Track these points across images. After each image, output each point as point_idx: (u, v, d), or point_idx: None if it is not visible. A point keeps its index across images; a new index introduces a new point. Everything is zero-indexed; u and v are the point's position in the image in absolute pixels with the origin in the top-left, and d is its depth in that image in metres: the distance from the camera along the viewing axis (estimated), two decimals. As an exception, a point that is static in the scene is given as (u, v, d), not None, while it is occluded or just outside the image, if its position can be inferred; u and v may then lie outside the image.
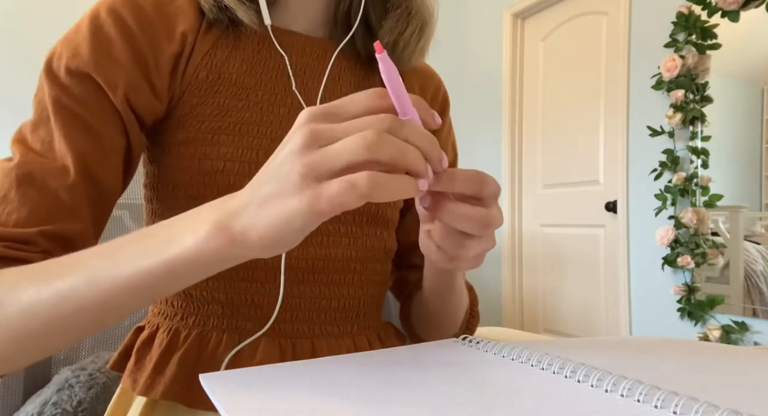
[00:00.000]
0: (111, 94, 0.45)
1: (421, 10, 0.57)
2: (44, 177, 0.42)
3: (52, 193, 0.42)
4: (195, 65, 0.49)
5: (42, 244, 0.41)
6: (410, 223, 0.63)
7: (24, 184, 0.41)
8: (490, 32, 3.29)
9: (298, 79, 0.53)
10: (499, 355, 0.36)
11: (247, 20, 0.49)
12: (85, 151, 0.43)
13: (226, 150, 0.48)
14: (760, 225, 1.99)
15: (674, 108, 2.19)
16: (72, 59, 0.44)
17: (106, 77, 0.44)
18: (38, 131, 0.44)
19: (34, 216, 0.41)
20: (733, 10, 2.00)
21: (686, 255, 2.14)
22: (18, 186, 0.41)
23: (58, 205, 0.42)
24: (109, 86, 0.44)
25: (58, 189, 0.42)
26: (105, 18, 0.45)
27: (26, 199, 0.41)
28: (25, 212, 0.41)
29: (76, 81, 0.44)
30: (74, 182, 0.43)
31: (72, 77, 0.44)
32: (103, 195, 0.46)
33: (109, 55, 0.45)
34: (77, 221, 0.43)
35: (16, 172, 0.42)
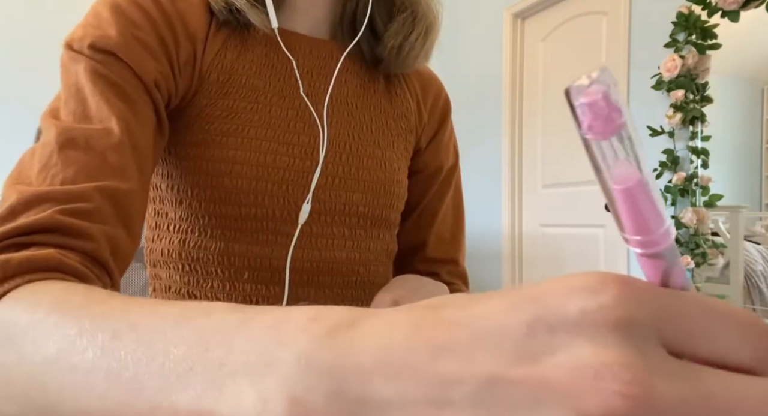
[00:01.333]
0: (142, 75, 0.43)
1: (426, 14, 0.57)
2: (87, 139, 0.38)
3: (98, 153, 0.38)
4: (207, 65, 0.49)
5: (96, 200, 0.37)
6: (412, 226, 0.64)
7: (66, 147, 0.38)
8: (490, 32, 3.29)
9: (305, 82, 0.53)
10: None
11: (258, 23, 0.50)
12: (126, 116, 0.41)
13: (234, 152, 0.48)
14: (760, 225, 1.99)
15: (674, 108, 2.19)
16: (98, 39, 0.42)
17: (136, 60, 0.43)
18: (69, 105, 0.41)
19: (84, 174, 0.37)
20: (733, 10, 2.00)
21: (686, 255, 2.14)
22: (60, 150, 0.37)
23: (105, 165, 0.38)
24: (140, 69, 0.43)
25: (104, 149, 0.39)
26: (127, 5, 0.45)
27: (71, 160, 0.37)
28: (72, 171, 0.37)
29: (105, 57, 0.42)
30: (120, 142, 0.40)
31: (100, 53, 0.42)
32: (145, 164, 0.43)
33: (138, 40, 0.44)
34: (127, 180, 0.40)
35: (55, 139, 0.38)
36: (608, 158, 0.14)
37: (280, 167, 0.49)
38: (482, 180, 3.30)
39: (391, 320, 0.17)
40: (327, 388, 0.16)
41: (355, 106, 0.56)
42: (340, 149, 0.53)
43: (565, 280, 0.15)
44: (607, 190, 0.15)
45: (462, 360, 0.15)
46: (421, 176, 0.63)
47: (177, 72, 0.46)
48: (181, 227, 0.50)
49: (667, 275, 0.16)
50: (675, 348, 0.14)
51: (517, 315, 0.15)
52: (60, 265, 0.33)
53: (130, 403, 0.20)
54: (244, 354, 0.18)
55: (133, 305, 0.24)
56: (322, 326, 0.17)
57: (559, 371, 0.14)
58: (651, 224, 0.15)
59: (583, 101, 0.14)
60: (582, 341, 0.14)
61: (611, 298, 0.14)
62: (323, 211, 0.52)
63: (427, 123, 0.63)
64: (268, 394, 0.17)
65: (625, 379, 0.13)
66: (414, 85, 0.63)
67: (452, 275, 0.65)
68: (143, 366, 0.20)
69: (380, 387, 0.15)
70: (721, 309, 0.15)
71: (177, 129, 0.49)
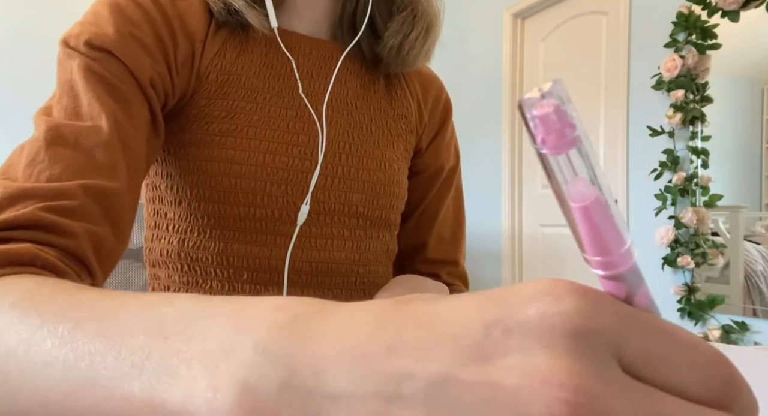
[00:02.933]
0: (137, 74, 0.43)
1: (426, 13, 0.57)
2: (76, 137, 0.38)
3: (86, 150, 0.38)
4: (206, 65, 0.49)
5: (81, 198, 0.36)
6: (412, 227, 0.63)
7: (54, 144, 0.37)
8: (490, 32, 3.29)
9: (304, 82, 0.53)
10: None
11: (257, 24, 0.49)
12: (117, 115, 0.41)
13: (233, 153, 0.48)
14: (760, 225, 1.99)
15: (674, 108, 2.19)
16: (95, 36, 0.42)
17: (132, 59, 0.43)
18: (62, 102, 0.41)
19: (70, 172, 0.37)
20: (733, 10, 2.00)
21: (686, 255, 2.14)
22: (48, 147, 0.37)
23: (93, 162, 0.38)
24: (135, 67, 0.43)
25: (93, 147, 0.38)
26: (126, 4, 0.45)
27: (59, 157, 0.37)
28: (59, 168, 0.36)
29: (101, 54, 0.42)
30: (109, 139, 0.39)
31: (95, 51, 0.42)
32: (135, 163, 0.42)
33: (135, 38, 0.44)
34: (115, 179, 0.39)
35: (44, 135, 0.38)
36: (565, 174, 0.14)
37: (279, 167, 0.49)
38: (482, 180, 3.30)
39: (355, 312, 0.17)
40: (280, 377, 0.16)
41: (354, 107, 0.56)
42: (340, 149, 0.53)
43: (530, 285, 0.15)
44: (565, 207, 0.15)
45: (416, 357, 0.15)
46: (422, 177, 0.63)
47: (174, 71, 0.46)
48: (180, 227, 0.50)
49: (630, 298, 0.15)
50: (631, 368, 0.14)
51: (477, 316, 0.15)
52: (35, 260, 0.32)
53: (85, 393, 0.20)
54: (202, 341, 0.18)
55: (101, 297, 0.24)
56: (283, 315, 0.17)
57: (510, 374, 0.13)
58: (610, 244, 0.14)
59: (535, 114, 0.13)
60: (536, 345, 0.14)
61: (572, 306, 0.14)
62: (322, 212, 0.52)
63: (427, 123, 0.62)
64: (221, 382, 0.16)
65: (573, 387, 0.13)
66: (415, 85, 0.62)
67: (453, 276, 0.65)
68: (99, 355, 0.20)
69: (333, 379, 0.15)
70: (684, 338, 0.15)
71: (176, 129, 0.49)
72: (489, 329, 0.14)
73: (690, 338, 0.15)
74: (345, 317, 0.17)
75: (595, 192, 0.14)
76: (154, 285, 0.54)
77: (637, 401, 0.13)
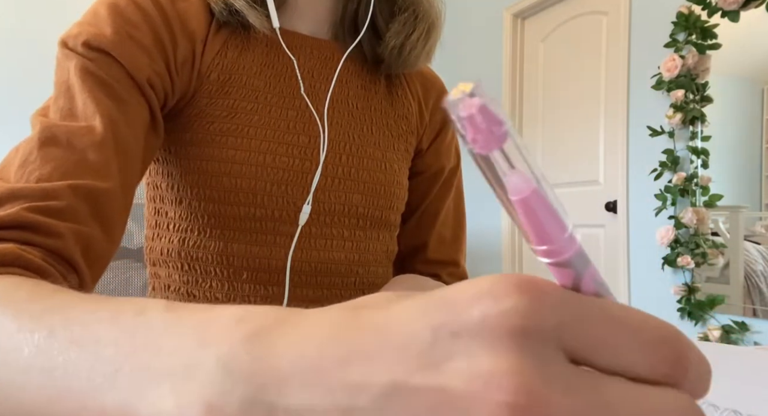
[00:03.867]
0: (135, 75, 0.43)
1: (428, 14, 0.57)
2: (69, 137, 0.38)
3: (78, 150, 0.38)
4: (207, 65, 0.49)
5: (68, 198, 0.36)
6: (412, 228, 0.63)
7: (46, 145, 0.38)
8: (490, 32, 3.29)
9: (306, 82, 0.53)
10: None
11: (258, 25, 0.49)
12: (112, 115, 0.41)
13: (234, 152, 0.48)
14: (760, 225, 1.99)
15: (674, 108, 2.19)
16: (93, 37, 0.42)
17: (129, 59, 0.43)
18: (58, 102, 0.41)
19: (60, 172, 0.37)
20: (733, 10, 2.00)
21: (686, 255, 2.14)
22: (40, 147, 0.37)
23: (85, 162, 0.38)
24: (133, 68, 0.43)
25: (85, 147, 0.39)
26: (125, 5, 0.45)
27: (49, 157, 0.37)
28: (49, 168, 0.37)
29: (98, 55, 0.42)
30: (102, 140, 0.39)
31: (93, 51, 0.42)
32: (130, 164, 0.42)
33: (133, 39, 0.44)
34: (106, 180, 0.39)
35: (37, 136, 0.38)
36: (500, 169, 0.14)
37: (279, 167, 0.49)
38: (482, 179, 3.29)
39: (314, 322, 0.17)
40: (242, 395, 0.16)
41: (355, 107, 0.56)
42: (341, 150, 0.53)
43: (473, 284, 0.15)
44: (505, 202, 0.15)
45: (368, 366, 0.15)
46: (423, 177, 0.63)
47: (174, 71, 0.46)
48: (181, 226, 0.50)
49: (577, 283, 0.16)
50: (576, 356, 0.14)
51: (424, 320, 0.15)
52: (18, 260, 0.32)
53: (60, 402, 0.20)
54: (168, 357, 0.18)
55: (75, 302, 0.24)
56: (245, 328, 0.17)
57: (457, 379, 0.13)
58: (552, 232, 0.15)
59: (462, 115, 0.13)
60: (480, 348, 0.14)
61: (512, 304, 0.14)
62: (323, 212, 0.52)
63: (428, 124, 0.62)
64: (185, 400, 0.17)
65: (512, 388, 0.13)
66: (416, 85, 0.62)
67: (453, 276, 0.65)
68: (73, 365, 0.20)
69: (294, 394, 0.15)
70: (627, 321, 0.15)
71: (177, 128, 0.49)
72: (436, 333, 0.14)
73: (637, 318, 0.15)
74: (302, 328, 0.17)
75: (531, 183, 0.14)
76: (154, 285, 0.54)
77: (580, 394, 0.13)
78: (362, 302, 0.17)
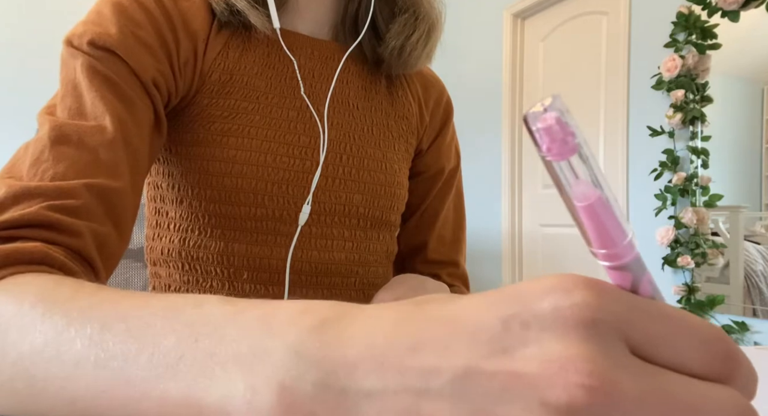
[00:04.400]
0: (140, 74, 0.43)
1: (428, 15, 0.57)
2: (80, 136, 0.38)
3: (90, 149, 0.38)
4: (208, 65, 0.49)
5: (85, 197, 0.37)
6: (413, 228, 0.63)
7: (58, 143, 0.38)
8: (490, 32, 3.29)
9: (306, 83, 0.53)
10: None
11: (259, 25, 0.50)
12: (120, 114, 0.41)
13: (234, 152, 0.48)
14: (760, 225, 1.99)
15: (674, 108, 2.19)
16: (98, 36, 0.42)
17: (134, 59, 0.43)
18: (65, 101, 0.41)
19: (74, 170, 0.37)
20: (733, 10, 2.00)
21: (686, 255, 2.14)
22: (52, 146, 0.37)
23: (97, 161, 0.38)
24: (138, 67, 0.43)
25: (97, 146, 0.39)
26: (129, 4, 0.45)
27: (63, 156, 0.37)
28: (63, 167, 0.37)
29: (104, 54, 0.42)
30: (113, 138, 0.39)
31: (98, 50, 0.42)
32: (138, 162, 0.42)
33: (138, 38, 0.44)
34: (118, 178, 0.39)
35: (48, 134, 0.38)
36: (569, 178, 0.15)
37: (280, 167, 0.49)
38: (482, 180, 3.30)
39: (377, 315, 0.18)
40: (314, 378, 0.16)
41: (356, 107, 0.56)
42: (341, 150, 0.53)
43: (541, 281, 0.16)
44: (571, 207, 0.16)
45: (439, 353, 0.15)
46: (423, 178, 0.63)
47: (177, 71, 0.46)
48: (182, 226, 0.50)
49: (635, 286, 0.17)
50: (637, 350, 0.15)
51: (494, 312, 0.16)
52: (46, 259, 0.32)
53: (118, 392, 0.20)
54: (234, 344, 0.19)
55: (123, 297, 0.24)
56: (311, 319, 0.18)
57: (529, 363, 0.14)
58: (614, 237, 0.16)
59: (540, 126, 0.15)
60: (552, 336, 0.15)
61: (581, 298, 0.15)
62: (323, 212, 0.52)
63: (428, 124, 0.63)
64: (258, 383, 0.17)
65: (587, 372, 0.14)
66: (416, 86, 0.62)
67: (453, 277, 0.65)
68: (132, 356, 0.20)
69: (363, 378, 0.16)
70: (684, 321, 0.16)
71: (178, 128, 0.49)
72: (507, 323, 0.15)
73: (692, 319, 0.16)
74: (367, 319, 0.18)
75: (596, 191, 0.15)
76: (154, 284, 0.54)
77: (644, 380, 0.14)
78: (424, 298, 0.18)
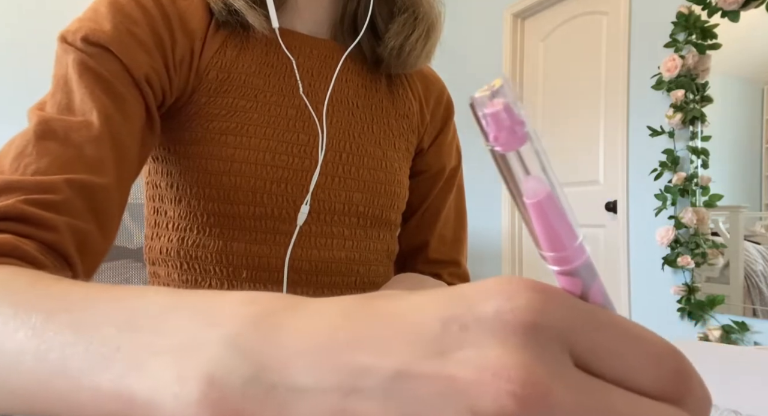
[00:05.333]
0: (133, 70, 0.43)
1: (428, 15, 0.57)
2: (66, 132, 0.38)
3: (75, 145, 0.38)
4: (206, 64, 0.49)
5: (65, 193, 0.36)
6: (413, 227, 0.63)
7: (44, 137, 0.38)
8: (490, 32, 3.29)
9: (305, 82, 0.53)
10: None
11: (257, 25, 0.50)
12: (108, 110, 0.41)
13: (233, 151, 0.48)
14: (760, 225, 1.99)
15: (674, 108, 2.19)
16: (92, 32, 0.42)
17: (128, 55, 0.43)
18: (56, 97, 0.41)
19: (57, 165, 0.37)
20: (733, 10, 2.00)
21: (686, 255, 2.14)
22: (36, 140, 0.37)
23: (81, 157, 0.38)
24: (131, 63, 0.43)
25: (83, 142, 0.39)
26: (126, 2, 0.45)
27: (46, 150, 0.37)
28: (46, 162, 0.37)
29: (97, 50, 0.42)
30: (99, 135, 0.39)
31: (92, 46, 0.42)
32: (126, 159, 0.42)
33: (132, 35, 0.44)
34: (103, 175, 0.39)
35: (34, 129, 0.38)
36: (517, 171, 0.14)
37: (279, 166, 0.49)
38: (482, 180, 3.30)
39: (322, 308, 0.17)
40: (246, 372, 0.16)
41: (355, 106, 0.56)
42: (340, 148, 0.53)
43: (488, 282, 0.15)
44: (519, 204, 0.15)
45: (376, 352, 0.15)
46: (424, 177, 0.63)
47: (172, 69, 0.46)
48: (180, 225, 0.50)
49: (585, 293, 0.16)
50: (581, 360, 0.14)
51: (436, 312, 0.15)
52: (15, 251, 0.32)
53: (55, 383, 0.20)
54: (172, 335, 0.18)
55: (75, 287, 0.24)
56: (253, 310, 0.18)
57: (464, 368, 0.14)
58: (563, 239, 0.15)
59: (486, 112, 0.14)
60: (491, 341, 0.14)
61: (525, 302, 0.14)
62: (323, 211, 0.52)
63: (429, 123, 0.62)
64: (187, 374, 0.16)
65: (520, 380, 0.13)
66: (417, 85, 0.62)
67: (454, 276, 0.65)
68: (70, 347, 0.20)
69: (297, 374, 0.15)
70: (634, 333, 0.15)
71: (176, 127, 0.49)
72: (447, 324, 0.15)
73: (641, 332, 0.15)
74: (312, 313, 0.17)
75: (546, 187, 0.14)
76: (154, 284, 0.54)
77: (583, 393, 0.14)
78: (374, 294, 0.18)
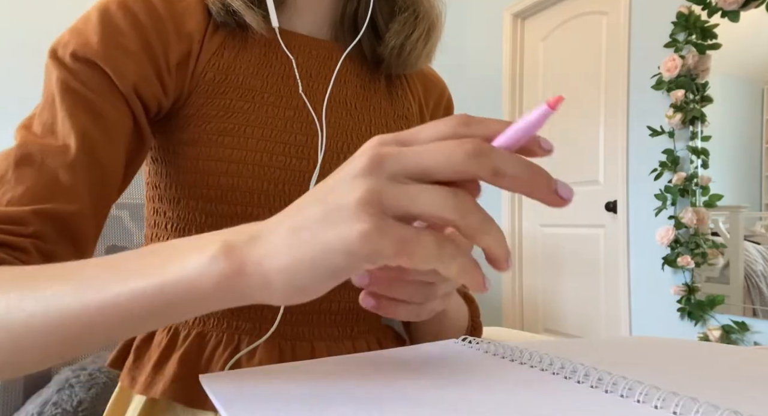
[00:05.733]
0: (119, 83, 0.44)
1: (428, 14, 0.57)
2: (43, 156, 0.40)
3: (50, 171, 0.40)
4: (203, 65, 0.49)
5: (34, 224, 0.39)
6: None
7: (22, 164, 0.40)
8: (490, 32, 3.29)
9: (304, 82, 0.53)
10: (499, 356, 0.36)
11: (255, 25, 0.49)
12: (88, 132, 0.42)
13: (231, 151, 0.48)
14: (760, 225, 1.99)
15: (674, 108, 2.19)
16: (80, 46, 0.43)
17: (115, 67, 0.44)
18: (42, 115, 0.43)
19: (29, 195, 0.39)
20: (733, 10, 2.00)
21: (686, 255, 2.14)
22: (16, 166, 0.40)
23: (55, 184, 0.40)
24: (118, 76, 0.44)
25: (57, 167, 0.41)
26: (115, 11, 0.45)
27: (23, 177, 0.40)
28: (21, 190, 0.39)
29: (83, 66, 0.43)
30: (74, 160, 0.41)
31: (79, 62, 0.43)
32: (105, 180, 0.44)
33: (120, 46, 0.44)
34: (75, 201, 0.41)
35: (15, 152, 0.40)
36: None
37: (277, 167, 0.49)
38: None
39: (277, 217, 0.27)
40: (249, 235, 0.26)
41: (354, 107, 0.56)
42: (339, 149, 0.53)
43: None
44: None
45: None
46: None
47: (166, 74, 0.47)
48: (179, 226, 0.50)
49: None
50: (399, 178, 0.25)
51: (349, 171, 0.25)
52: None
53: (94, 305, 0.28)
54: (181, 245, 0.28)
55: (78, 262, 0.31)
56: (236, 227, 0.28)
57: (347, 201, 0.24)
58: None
59: None
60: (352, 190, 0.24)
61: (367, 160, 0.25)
62: (321, 211, 0.51)
63: None
64: (205, 246, 0.27)
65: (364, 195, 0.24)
66: (416, 85, 0.62)
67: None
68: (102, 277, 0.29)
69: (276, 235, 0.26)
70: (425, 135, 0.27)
71: (174, 128, 0.49)
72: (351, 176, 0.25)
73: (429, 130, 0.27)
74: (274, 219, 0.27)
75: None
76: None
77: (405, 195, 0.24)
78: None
